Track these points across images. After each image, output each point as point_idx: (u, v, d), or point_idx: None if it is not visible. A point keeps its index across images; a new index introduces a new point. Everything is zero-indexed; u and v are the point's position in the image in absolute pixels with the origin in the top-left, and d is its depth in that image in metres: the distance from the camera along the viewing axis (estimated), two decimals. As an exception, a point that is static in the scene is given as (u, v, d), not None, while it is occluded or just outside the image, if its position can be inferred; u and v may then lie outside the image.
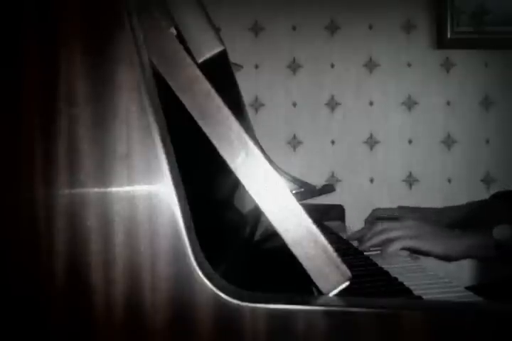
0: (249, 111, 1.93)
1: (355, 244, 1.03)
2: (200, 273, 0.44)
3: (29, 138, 0.45)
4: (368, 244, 0.96)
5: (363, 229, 1.07)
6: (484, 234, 0.90)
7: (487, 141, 2.13)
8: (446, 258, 0.93)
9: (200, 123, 0.49)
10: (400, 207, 1.26)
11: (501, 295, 0.95)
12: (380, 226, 0.96)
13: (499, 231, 0.89)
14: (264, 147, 1.13)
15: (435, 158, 2.14)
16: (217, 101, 0.49)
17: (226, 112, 0.49)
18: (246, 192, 0.49)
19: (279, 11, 2.10)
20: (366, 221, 1.21)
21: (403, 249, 0.92)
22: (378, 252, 0.93)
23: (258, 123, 1.83)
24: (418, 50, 2.13)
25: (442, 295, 0.67)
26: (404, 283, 0.71)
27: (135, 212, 0.44)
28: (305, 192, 1.26)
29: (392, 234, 0.93)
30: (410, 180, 2.14)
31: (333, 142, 2.13)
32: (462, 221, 1.15)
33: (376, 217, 1.19)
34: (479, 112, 2.14)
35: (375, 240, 0.95)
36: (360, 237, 1.01)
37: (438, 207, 1.26)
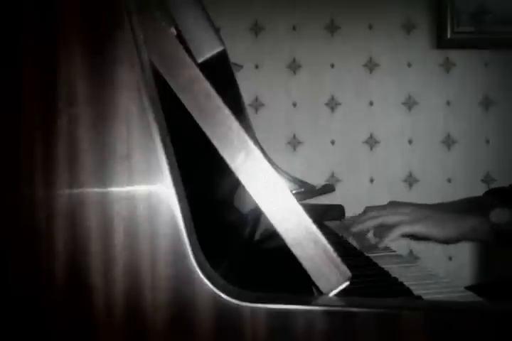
0: (249, 111, 1.93)
1: (354, 243, 1.03)
2: (200, 273, 0.44)
3: (29, 138, 0.45)
4: (361, 227, 0.93)
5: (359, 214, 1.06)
6: (481, 217, 0.90)
7: (487, 141, 2.13)
8: (446, 241, 0.92)
9: (200, 123, 0.49)
10: (391, 202, 1.25)
11: (501, 295, 0.95)
12: (376, 212, 0.94)
13: (496, 215, 0.89)
14: (264, 147, 1.13)
15: (435, 158, 2.14)
16: (217, 101, 0.49)
17: (226, 112, 0.49)
18: (246, 192, 0.49)
19: (279, 11, 2.10)
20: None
21: (403, 235, 0.90)
22: (379, 254, 0.91)
23: (258, 123, 1.83)
24: (418, 50, 2.13)
25: (442, 295, 0.66)
26: (404, 283, 0.71)
27: (135, 212, 0.44)
28: (305, 192, 1.26)
29: (389, 220, 0.91)
30: (410, 180, 2.14)
31: (333, 142, 2.13)
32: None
33: None
34: (479, 112, 2.14)
35: (370, 223, 0.93)
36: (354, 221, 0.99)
37: (431, 204, 1.25)
